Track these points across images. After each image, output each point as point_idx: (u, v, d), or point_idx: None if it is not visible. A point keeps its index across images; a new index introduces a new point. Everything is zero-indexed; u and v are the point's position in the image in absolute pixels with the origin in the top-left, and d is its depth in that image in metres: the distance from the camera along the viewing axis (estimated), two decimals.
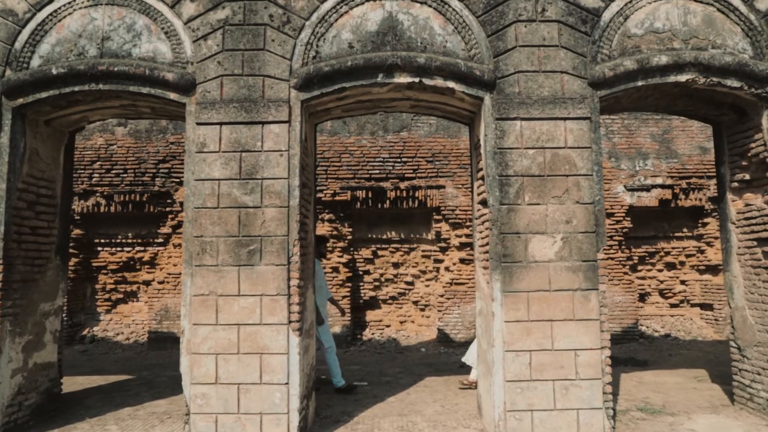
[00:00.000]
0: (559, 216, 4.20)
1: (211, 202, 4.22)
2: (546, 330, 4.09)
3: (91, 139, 9.34)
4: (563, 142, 4.28)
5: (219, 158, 4.27)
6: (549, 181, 4.23)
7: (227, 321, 4.11)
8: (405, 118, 9.11)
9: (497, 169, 4.25)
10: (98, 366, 7.59)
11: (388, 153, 9.01)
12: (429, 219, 9.31)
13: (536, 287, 4.13)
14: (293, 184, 4.23)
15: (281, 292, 4.12)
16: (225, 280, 4.14)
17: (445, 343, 8.74)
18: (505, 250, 4.16)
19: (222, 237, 4.19)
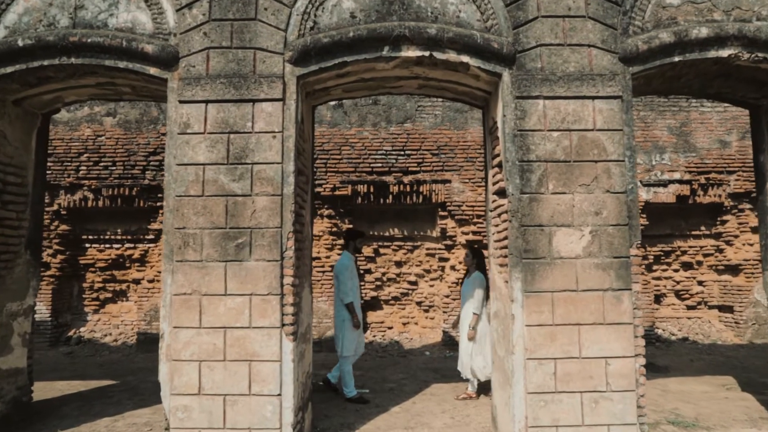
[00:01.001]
0: (587, 206, 3.72)
1: (194, 190, 3.75)
2: (573, 335, 3.62)
3: (78, 129, 8.87)
4: (591, 124, 3.80)
5: (204, 140, 3.79)
6: (576, 167, 3.76)
7: (212, 324, 3.63)
8: (409, 109, 8.64)
9: (517, 153, 3.77)
10: (82, 370, 7.11)
11: (391, 145, 8.54)
12: (434, 215, 8.83)
13: (562, 287, 3.65)
14: (287, 170, 3.76)
15: (273, 291, 3.64)
16: (210, 277, 3.67)
17: (450, 346, 8.25)
18: (527, 244, 3.69)
19: (207, 229, 3.71)
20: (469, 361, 5.35)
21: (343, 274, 5.36)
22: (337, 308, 5.44)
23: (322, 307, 8.41)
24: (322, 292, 8.43)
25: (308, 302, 4.39)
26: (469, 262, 5.60)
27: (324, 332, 8.34)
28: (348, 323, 5.34)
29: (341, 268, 5.42)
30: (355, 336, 5.37)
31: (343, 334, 5.35)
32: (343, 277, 5.35)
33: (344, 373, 5.33)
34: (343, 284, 5.35)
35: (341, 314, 5.39)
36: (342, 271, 5.39)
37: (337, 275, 5.41)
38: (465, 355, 5.41)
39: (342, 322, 5.38)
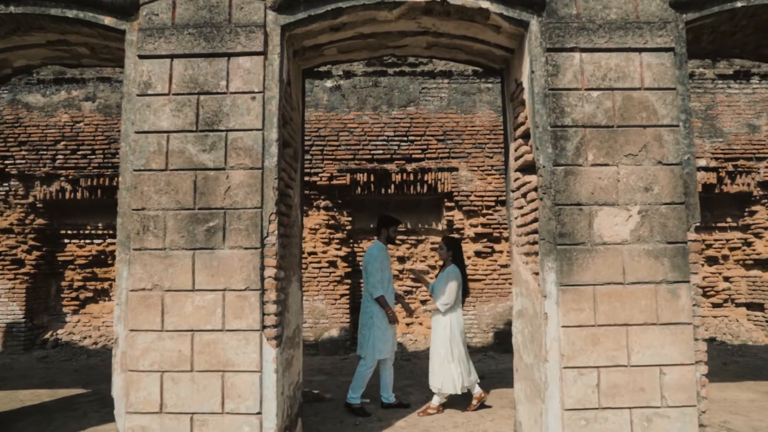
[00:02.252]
0: (634, 181, 3.05)
1: (156, 163, 3.07)
2: (619, 338, 2.94)
3: (54, 115, 8.20)
4: (638, 82, 3.13)
5: (169, 103, 3.12)
6: (620, 133, 3.09)
7: (177, 326, 2.96)
8: (412, 91, 7.97)
9: (549, 117, 3.10)
10: (53, 376, 6.44)
11: (393, 131, 7.87)
12: (439, 206, 8.16)
13: (605, 279, 2.98)
14: (269, 138, 3.09)
15: (252, 285, 2.97)
16: (174, 269, 3.00)
17: None
18: (562, 227, 3.01)
19: (171, 210, 3.04)
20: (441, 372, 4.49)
21: (371, 265, 4.62)
22: (364, 304, 4.72)
23: (318, 307, 7.75)
24: (319, 290, 7.77)
25: (297, 300, 3.72)
26: (444, 255, 4.74)
27: (321, 334, 7.68)
28: (376, 321, 4.58)
29: (369, 258, 4.68)
30: (388, 336, 4.60)
31: (370, 333, 4.58)
32: (371, 268, 4.61)
33: (359, 375, 4.61)
34: (371, 276, 4.60)
35: (368, 310, 4.66)
36: (370, 262, 4.64)
37: (365, 266, 4.69)
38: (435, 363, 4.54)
39: (369, 319, 4.62)
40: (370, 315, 4.62)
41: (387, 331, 4.59)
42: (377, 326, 4.57)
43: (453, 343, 4.50)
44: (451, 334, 4.50)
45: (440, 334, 4.54)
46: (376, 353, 4.54)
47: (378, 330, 4.56)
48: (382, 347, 4.56)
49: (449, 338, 4.49)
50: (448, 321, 4.53)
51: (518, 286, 3.61)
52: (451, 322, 4.53)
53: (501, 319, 7.63)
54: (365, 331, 4.65)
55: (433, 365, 4.56)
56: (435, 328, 4.61)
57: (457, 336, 4.54)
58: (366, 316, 4.68)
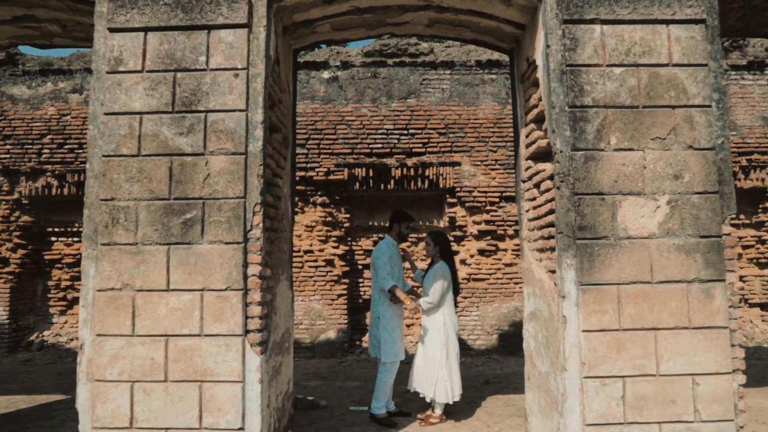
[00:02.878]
0: (662, 167, 2.72)
1: (128, 148, 2.75)
2: (647, 344, 2.62)
3: (40, 108, 7.87)
4: (666, 57, 2.80)
5: (142, 81, 2.80)
6: (646, 114, 2.76)
7: (150, 330, 2.64)
8: (412, 82, 7.64)
9: (567, 96, 2.77)
10: (35, 380, 6.12)
11: (393, 124, 7.54)
12: (441, 202, 7.83)
13: (631, 277, 2.65)
14: (254, 120, 2.76)
15: (233, 285, 2.64)
16: (147, 266, 2.67)
17: (461, 350, 7.20)
18: (582, 219, 2.68)
19: (144, 200, 2.71)
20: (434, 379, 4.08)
21: (379, 259, 4.27)
22: (374, 304, 4.36)
23: (315, 308, 7.42)
24: (316, 290, 7.44)
25: (287, 301, 3.39)
26: (431, 251, 4.36)
27: (317, 336, 7.35)
28: (383, 321, 4.22)
29: (378, 253, 4.33)
30: (394, 337, 4.23)
31: (380, 334, 4.22)
32: (379, 263, 4.26)
33: (380, 383, 4.21)
34: (380, 269, 4.25)
35: (375, 310, 4.31)
36: (379, 257, 4.30)
37: (374, 262, 4.34)
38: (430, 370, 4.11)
39: (376, 320, 4.27)
40: (377, 315, 4.28)
41: (393, 333, 4.22)
42: (383, 327, 4.21)
43: (450, 346, 4.14)
44: (446, 336, 4.12)
45: (434, 336, 4.14)
46: (383, 356, 4.19)
47: (384, 331, 4.20)
48: (389, 350, 4.20)
49: (445, 342, 4.10)
50: (442, 322, 4.15)
51: (530, 286, 3.28)
52: (445, 323, 4.16)
53: (505, 321, 7.30)
54: (374, 332, 4.31)
55: (425, 370, 4.15)
56: (428, 329, 4.21)
57: (453, 338, 4.19)
58: (373, 316, 4.34)
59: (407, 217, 4.55)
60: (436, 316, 4.19)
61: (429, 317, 4.21)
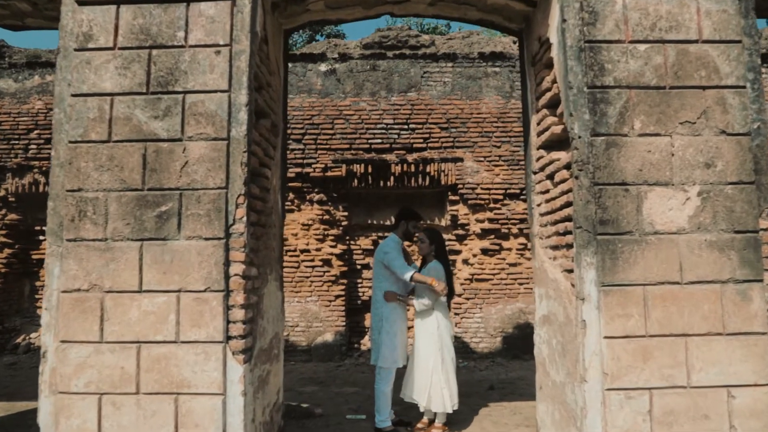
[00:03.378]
0: (692, 155, 2.45)
1: (97, 133, 2.47)
2: (676, 352, 2.34)
3: (27, 102, 7.60)
4: (695, 33, 2.53)
5: (113, 59, 2.52)
6: (674, 96, 2.48)
7: (120, 336, 2.36)
8: (413, 75, 7.36)
9: (586, 76, 2.49)
10: (18, 385, 5.83)
11: (393, 118, 7.26)
12: (443, 200, 7.55)
13: (658, 277, 2.37)
14: (238, 102, 2.48)
15: (213, 285, 2.36)
16: (117, 264, 2.39)
17: (464, 354, 6.98)
18: (604, 213, 2.41)
19: (114, 191, 2.44)
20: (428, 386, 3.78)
21: (390, 253, 3.95)
22: (376, 306, 4.03)
23: (312, 309, 7.14)
24: (312, 291, 7.16)
25: (276, 303, 3.11)
26: (426, 249, 4.03)
27: (314, 338, 7.07)
28: (385, 324, 3.90)
29: (386, 248, 4.00)
30: (396, 343, 3.89)
31: (381, 338, 3.89)
32: (391, 256, 3.93)
33: (378, 393, 3.89)
34: (395, 261, 3.90)
35: (378, 312, 3.99)
36: (389, 251, 3.97)
37: (382, 259, 3.99)
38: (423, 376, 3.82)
39: (379, 322, 3.94)
40: (380, 317, 3.97)
41: (395, 338, 3.90)
42: (385, 330, 3.90)
43: (445, 351, 3.83)
44: (441, 341, 3.82)
45: (428, 340, 3.84)
46: (380, 361, 3.89)
47: (386, 335, 3.89)
48: (387, 355, 3.88)
49: (439, 347, 3.81)
50: (435, 325, 3.86)
51: (543, 287, 3.00)
52: (439, 326, 3.86)
53: (510, 323, 7.02)
54: (375, 336, 3.99)
55: (418, 377, 3.84)
56: (421, 333, 3.90)
57: (448, 343, 3.89)
58: (375, 318, 4.03)
59: (415, 215, 4.27)
60: (429, 319, 3.89)
61: (422, 321, 3.92)
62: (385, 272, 4.00)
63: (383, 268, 4.00)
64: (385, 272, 4.00)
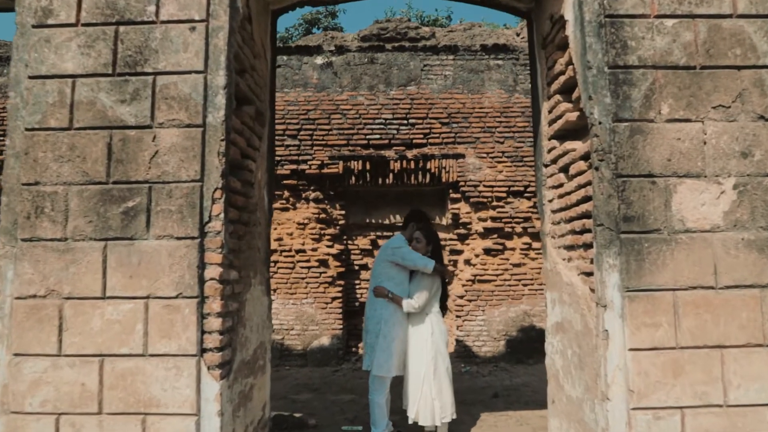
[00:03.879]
0: (727, 143, 2.17)
1: (57, 119, 2.20)
2: (711, 366, 2.06)
3: None
4: (729, 7, 2.25)
5: (76, 37, 2.24)
6: (706, 77, 2.21)
7: (80, 349, 2.08)
8: (413, 68, 7.08)
9: (607, 54, 2.22)
10: None
11: (392, 113, 6.98)
12: (444, 198, 7.28)
13: (690, 281, 2.10)
14: (215, 84, 2.20)
15: (186, 291, 2.09)
16: (78, 267, 2.12)
17: (466, 358, 6.70)
18: (628, 208, 2.13)
19: (76, 184, 2.16)
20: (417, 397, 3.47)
21: (402, 249, 3.70)
22: (373, 307, 3.72)
23: (307, 312, 6.86)
24: (308, 293, 6.88)
25: (261, 309, 2.83)
26: (422, 250, 3.73)
27: (310, 342, 6.79)
28: (384, 328, 3.57)
29: (395, 245, 3.75)
30: (392, 349, 3.55)
31: (378, 343, 3.57)
32: (404, 251, 3.67)
33: (372, 404, 3.60)
34: (408, 255, 3.64)
35: (376, 314, 3.65)
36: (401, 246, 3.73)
37: (384, 260, 3.73)
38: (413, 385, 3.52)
39: (376, 325, 3.61)
40: (378, 320, 3.64)
41: (392, 344, 3.59)
42: (383, 335, 3.57)
43: (439, 359, 3.51)
44: (434, 348, 3.52)
45: (420, 347, 3.55)
46: (374, 367, 3.60)
47: (383, 340, 3.57)
48: (382, 362, 3.56)
49: (432, 354, 3.49)
50: (429, 331, 3.55)
51: (556, 291, 2.72)
52: (434, 332, 3.55)
53: (513, 326, 6.75)
54: (370, 340, 3.66)
55: (408, 386, 3.54)
56: (413, 340, 3.60)
57: (443, 350, 3.60)
58: (371, 321, 3.70)
59: (424, 218, 4.02)
60: (423, 324, 3.60)
61: (414, 326, 3.62)
62: (391, 272, 3.71)
63: (390, 267, 3.72)
64: (390, 272, 3.72)
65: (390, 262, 3.72)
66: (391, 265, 3.72)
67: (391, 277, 3.72)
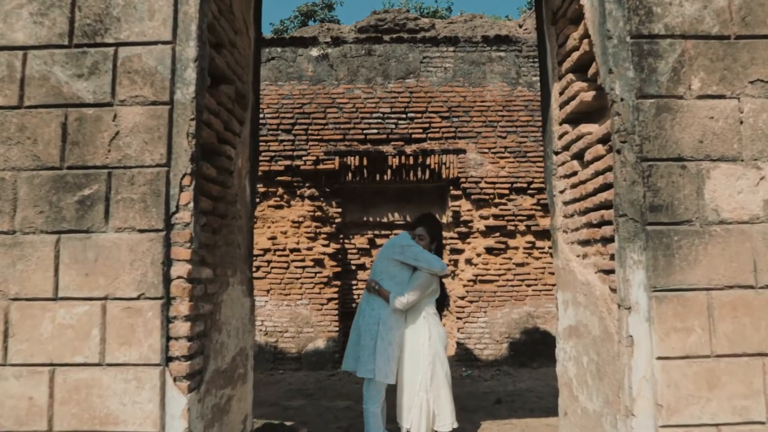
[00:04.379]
0: (766, 122, 1.91)
1: (6, 96, 1.94)
2: (753, 376, 1.80)
3: None
4: None
5: (28, 4, 1.98)
6: (741, 48, 1.95)
7: (28, 358, 1.82)
8: (412, 60, 6.82)
9: (629, 22, 1.95)
10: None
11: (390, 107, 6.72)
12: (444, 195, 7.02)
13: (726, 279, 1.84)
14: (184, 56, 1.94)
15: (149, 291, 1.82)
16: (27, 264, 1.85)
17: (467, 361, 6.44)
18: (655, 196, 1.87)
19: (26, 170, 1.90)
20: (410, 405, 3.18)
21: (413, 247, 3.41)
22: (370, 306, 3.40)
23: (302, 313, 6.60)
24: (303, 294, 6.61)
25: (242, 312, 2.56)
26: (426, 248, 3.45)
27: (305, 345, 6.53)
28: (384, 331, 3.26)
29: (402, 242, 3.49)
30: (390, 353, 3.24)
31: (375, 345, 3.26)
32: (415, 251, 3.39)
33: (367, 414, 3.31)
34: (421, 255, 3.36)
35: (374, 314, 3.34)
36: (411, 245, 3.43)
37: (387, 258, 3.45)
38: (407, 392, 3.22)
39: (374, 326, 3.30)
40: (375, 320, 3.33)
41: (390, 347, 3.26)
42: (381, 337, 3.26)
43: (437, 364, 3.22)
44: (432, 351, 3.23)
45: (417, 351, 3.24)
46: (376, 372, 3.23)
47: (381, 342, 3.24)
48: (383, 365, 3.23)
49: (430, 360, 3.20)
50: (427, 335, 3.26)
51: (569, 291, 2.46)
52: (431, 336, 3.26)
53: (517, 327, 6.48)
54: (366, 341, 3.34)
55: (402, 394, 3.24)
56: (409, 344, 3.29)
57: (441, 355, 3.31)
58: (369, 321, 3.36)
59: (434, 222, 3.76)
60: (419, 327, 3.31)
61: (410, 329, 3.35)
62: (394, 270, 3.43)
63: (394, 266, 3.43)
64: (393, 270, 3.43)
65: (395, 261, 3.45)
66: (396, 264, 3.45)
67: (393, 276, 3.44)
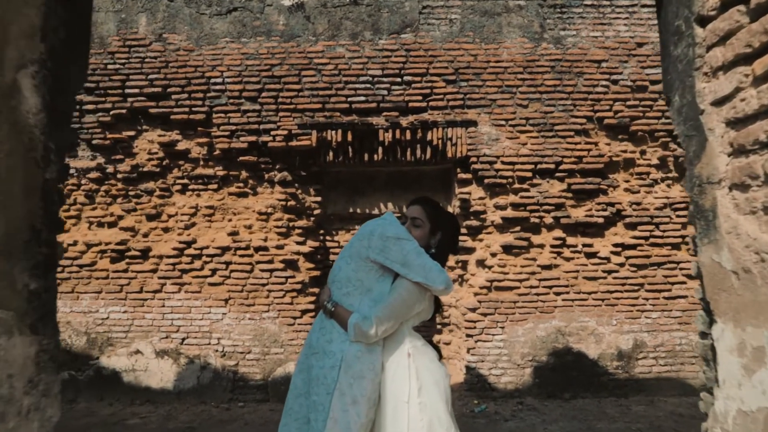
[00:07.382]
0: None
1: None
2: None
3: None
4: None
5: None
6: None
7: None
8: (408, 11, 5.44)
9: None
10: None
11: (381, 69, 5.33)
12: (449, 180, 5.62)
13: None
14: None
15: None
16: None
17: (480, 392, 5.01)
18: None
19: None
20: None
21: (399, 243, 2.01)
22: (322, 335, 2.00)
23: (269, 329, 5.18)
24: (270, 304, 5.21)
25: None
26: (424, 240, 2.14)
27: (272, 369, 5.11)
28: (344, 377, 1.89)
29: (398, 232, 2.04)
30: (354, 415, 1.85)
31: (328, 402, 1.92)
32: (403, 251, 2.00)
33: None
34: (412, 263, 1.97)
35: (331, 349, 1.96)
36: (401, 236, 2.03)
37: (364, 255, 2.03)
38: None
39: (330, 371, 1.94)
40: (334, 362, 1.86)
41: (356, 406, 1.84)
42: (340, 390, 1.86)
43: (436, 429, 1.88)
44: (426, 413, 1.82)
45: (399, 413, 1.86)
46: None
47: (340, 399, 1.86)
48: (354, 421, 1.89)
49: (424, 423, 1.85)
50: (416, 385, 1.81)
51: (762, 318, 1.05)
52: (422, 386, 1.86)
53: (543, 348, 5.07)
54: (319, 395, 1.91)
55: None
56: (390, 400, 1.92)
57: (441, 412, 1.86)
58: (323, 361, 1.94)
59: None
60: (400, 371, 1.90)
61: (389, 374, 1.95)
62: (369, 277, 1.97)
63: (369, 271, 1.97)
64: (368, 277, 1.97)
65: (372, 262, 2.04)
66: (371, 267, 2.04)
67: (369, 289, 2.02)
